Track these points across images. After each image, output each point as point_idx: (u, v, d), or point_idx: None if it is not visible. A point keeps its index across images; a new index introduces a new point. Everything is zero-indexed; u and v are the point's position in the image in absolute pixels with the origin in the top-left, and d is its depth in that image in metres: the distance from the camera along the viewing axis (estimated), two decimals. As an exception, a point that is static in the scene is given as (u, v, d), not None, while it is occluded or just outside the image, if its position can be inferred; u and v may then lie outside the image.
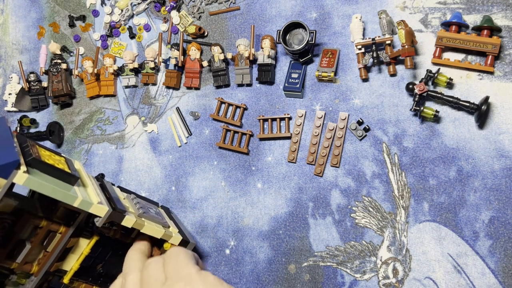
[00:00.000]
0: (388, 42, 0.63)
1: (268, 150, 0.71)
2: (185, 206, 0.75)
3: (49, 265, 0.59)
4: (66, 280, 0.62)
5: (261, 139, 0.72)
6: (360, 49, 0.65)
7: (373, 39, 0.64)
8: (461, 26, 0.62)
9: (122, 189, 0.70)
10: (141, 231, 0.59)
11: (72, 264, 0.61)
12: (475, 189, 0.60)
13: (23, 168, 0.47)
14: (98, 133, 0.84)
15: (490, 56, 0.60)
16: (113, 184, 0.72)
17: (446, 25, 0.62)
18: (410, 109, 0.62)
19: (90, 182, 0.60)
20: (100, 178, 0.66)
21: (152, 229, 0.60)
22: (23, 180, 0.47)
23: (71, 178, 0.54)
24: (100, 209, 0.54)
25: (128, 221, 0.57)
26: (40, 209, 0.58)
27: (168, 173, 0.77)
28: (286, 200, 0.69)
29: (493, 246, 0.58)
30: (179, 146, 0.77)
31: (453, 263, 0.59)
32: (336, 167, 0.67)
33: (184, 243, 0.64)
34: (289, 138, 0.70)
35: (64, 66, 0.85)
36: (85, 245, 0.61)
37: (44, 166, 0.51)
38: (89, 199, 0.53)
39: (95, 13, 0.87)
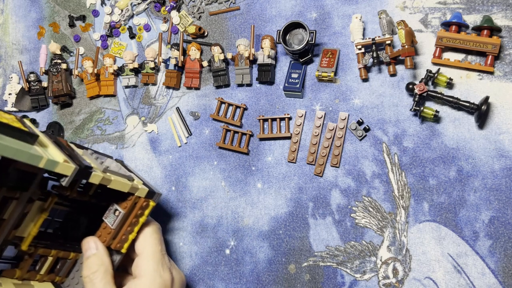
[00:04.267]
0: (388, 42, 0.63)
1: (268, 150, 0.71)
2: (185, 206, 0.75)
3: (6, 233, 0.56)
4: (24, 246, 0.59)
5: (261, 139, 0.72)
6: (360, 49, 0.65)
7: (373, 39, 0.64)
8: (461, 26, 0.62)
9: (77, 145, 0.66)
10: (108, 186, 0.56)
11: (29, 230, 0.58)
12: (475, 189, 0.60)
13: None
14: (98, 133, 0.84)
15: (490, 56, 0.60)
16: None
17: (446, 25, 0.62)
18: (410, 109, 0.62)
19: (47, 140, 0.55)
20: (52, 135, 0.61)
21: (119, 183, 0.56)
22: None
23: (30, 137, 0.48)
24: (66, 167, 0.49)
25: (96, 178, 0.53)
26: None
27: (168, 173, 0.77)
28: (286, 200, 0.69)
29: (493, 246, 0.58)
30: (179, 146, 0.77)
31: (453, 263, 0.59)
32: (336, 167, 0.67)
33: (150, 194, 0.61)
34: (289, 138, 0.70)
35: (64, 66, 0.85)
36: (41, 209, 0.58)
37: (1, 126, 0.45)
38: (54, 158, 0.49)
39: (95, 13, 0.87)
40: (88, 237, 0.60)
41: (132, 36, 0.84)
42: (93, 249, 0.59)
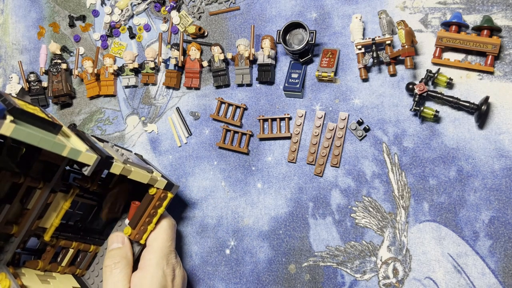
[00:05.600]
0: (388, 42, 0.63)
1: (268, 150, 0.71)
2: (185, 206, 0.75)
3: (30, 224, 0.57)
4: (47, 237, 0.60)
5: (261, 139, 0.72)
6: (360, 49, 0.65)
7: (373, 39, 0.64)
8: (461, 26, 0.62)
9: (98, 139, 0.67)
10: (128, 177, 0.57)
11: (52, 221, 0.59)
12: (475, 189, 0.60)
13: (9, 117, 0.43)
14: (98, 133, 0.84)
15: (490, 56, 0.60)
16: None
17: (446, 25, 0.62)
18: (410, 109, 0.62)
19: (70, 131, 0.57)
20: (73, 127, 0.63)
21: (139, 174, 0.58)
22: (10, 131, 0.43)
23: (54, 127, 0.49)
24: (88, 157, 0.51)
25: (116, 168, 0.54)
26: (14, 165, 0.55)
27: (168, 173, 0.77)
28: (286, 200, 0.69)
29: (493, 246, 0.58)
30: (179, 146, 0.77)
31: (453, 263, 0.59)
32: (336, 167, 0.67)
33: (169, 186, 0.62)
34: (289, 138, 0.70)
35: (64, 66, 0.85)
36: (63, 201, 0.59)
37: (27, 116, 0.46)
38: (77, 148, 0.50)
39: (95, 13, 0.87)
40: (118, 232, 0.62)
41: (132, 36, 0.84)
42: (120, 243, 0.60)
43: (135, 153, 0.73)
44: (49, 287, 0.60)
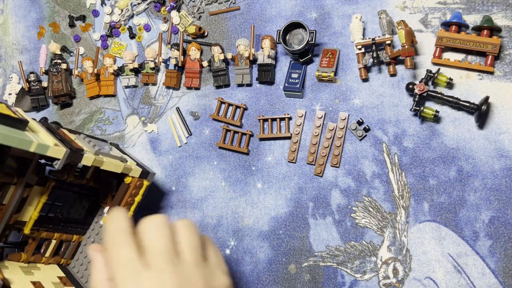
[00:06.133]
0: (388, 42, 0.63)
1: (268, 150, 0.71)
2: (185, 206, 0.75)
3: (8, 218, 0.59)
4: (27, 230, 0.61)
5: (261, 139, 0.72)
6: (360, 49, 0.65)
7: (373, 39, 0.64)
8: (461, 26, 0.62)
9: (70, 131, 0.68)
10: (101, 168, 0.58)
11: (30, 214, 0.61)
12: (475, 189, 0.60)
13: None
14: (98, 133, 0.84)
15: (490, 56, 0.60)
16: (59, 125, 0.71)
17: (446, 25, 0.62)
18: (410, 109, 0.62)
19: (38, 126, 0.57)
20: (44, 122, 0.64)
21: (112, 164, 0.59)
22: None
23: (20, 123, 0.50)
24: (57, 151, 0.51)
25: (88, 160, 0.55)
26: None
27: (168, 173, 0.77)
28: (286, 200, 0.69)
29: (493, 246, 0.58)
30: (179, 146, 0.77)
31: (453, 263, 0.59)
32: (336, 167, 0.67)
33: (144, 174, 0.63)
34: (289, 138, 0.70)
35: (64, 66, 0.85)
36: (41, 194, 0.61)
37: None
38: (45, 142, 0.51)
39: (95, 13, 0.87)
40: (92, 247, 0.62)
41: (132, 36, 0.84)
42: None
43: (110, 143, 0.74)
44: (33, 278, 0.61)
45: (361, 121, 0.66)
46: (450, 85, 0.62)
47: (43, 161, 0.63)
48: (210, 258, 0.42)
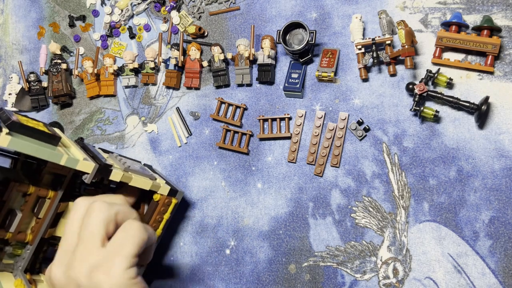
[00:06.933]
0: (388, 42, 0.63)
1: (268, 150, 0.71)
2: (185, 206, 0.75)
3: (43, 232, 0.60)
4: None
5: (261, 139, 0.72)
6: (360, 49, 0.65)
7: (373, 39, 0.64)
8: (461, 26, 0.62)
9: (104, 150, 0.70)
10: (129, 184, 0.59)
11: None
12: (475, 189, 0.60)
13: (5, 130, 0.47)
14: (98, 133, 0.84)
15: (490, 56, 0.60)
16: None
17: (446, 25, 0.62)
18: (410, 109, 0.62)
19: (71, 143, 0.60)
20: (80, 141, 0.66)
21: (140, 181, 0.60)
22: (7, 142, 0.47)
23: (53, 138, 0.53)
24: (86, 165, 0.54)
25: (116, 175, 0.57)
26: (24, 176, 0.59)
27: (168, 173, 0.77)
28: (286, 200, 0.69)
29: (493, 246, 0.58)
30: (179, 146, 0.77)
31: (453, 263, 0.59)
32: (336, 167, 0.67)
33: (173, 192, 0.65)
34: (289, 138, 0.70)
35: (64, 66, 0.85)
36: None
37: (25, 128, 0.50)
38: (75, 157, 0.53)
39: (95, 13, 0.87)
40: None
41: (132, 36, 0.84)
42: None
43: (144, 164, 0.75)
44: None
45: (361, 121, 0.66)
46: (450, 85, 0.62)
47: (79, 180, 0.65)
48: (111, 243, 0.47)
